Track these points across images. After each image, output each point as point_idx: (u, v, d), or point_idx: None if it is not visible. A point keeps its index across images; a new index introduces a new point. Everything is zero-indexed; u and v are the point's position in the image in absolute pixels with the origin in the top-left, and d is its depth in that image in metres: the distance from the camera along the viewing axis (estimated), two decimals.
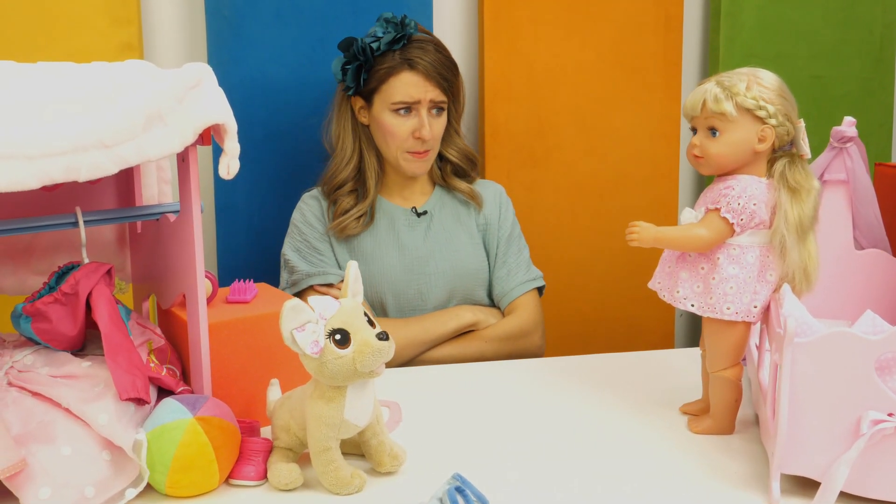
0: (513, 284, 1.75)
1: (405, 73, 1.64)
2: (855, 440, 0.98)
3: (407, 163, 1.70)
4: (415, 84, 1.65)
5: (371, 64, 1.66)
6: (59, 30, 1.76)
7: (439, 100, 1.68)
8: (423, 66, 1.64)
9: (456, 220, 1.77)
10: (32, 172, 0.93)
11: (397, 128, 1.66)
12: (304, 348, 0.98)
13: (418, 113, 1.66)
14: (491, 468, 1.12)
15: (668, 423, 1.25)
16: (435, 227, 1.75)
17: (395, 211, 1.75)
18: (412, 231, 1.74)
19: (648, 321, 2.16)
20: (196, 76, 1.04)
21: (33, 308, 1.07)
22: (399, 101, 1.65)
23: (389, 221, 1.74)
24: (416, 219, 1.75)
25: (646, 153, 2.12)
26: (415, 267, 1.71)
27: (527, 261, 1.80)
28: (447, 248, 1.73)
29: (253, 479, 1.07)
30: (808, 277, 1.14)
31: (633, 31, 2.07)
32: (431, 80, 1.65)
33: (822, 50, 2.17)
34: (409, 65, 1.64)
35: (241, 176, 1.91)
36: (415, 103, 1.66)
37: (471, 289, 1.74)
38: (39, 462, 0.96)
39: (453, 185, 1.77)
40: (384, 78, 1.65)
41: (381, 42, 1.64)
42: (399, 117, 1.66)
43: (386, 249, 1.72)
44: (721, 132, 1.14)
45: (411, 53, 1.65)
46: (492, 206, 1.79)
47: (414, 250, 1.72)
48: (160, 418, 1.03)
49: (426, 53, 1.66)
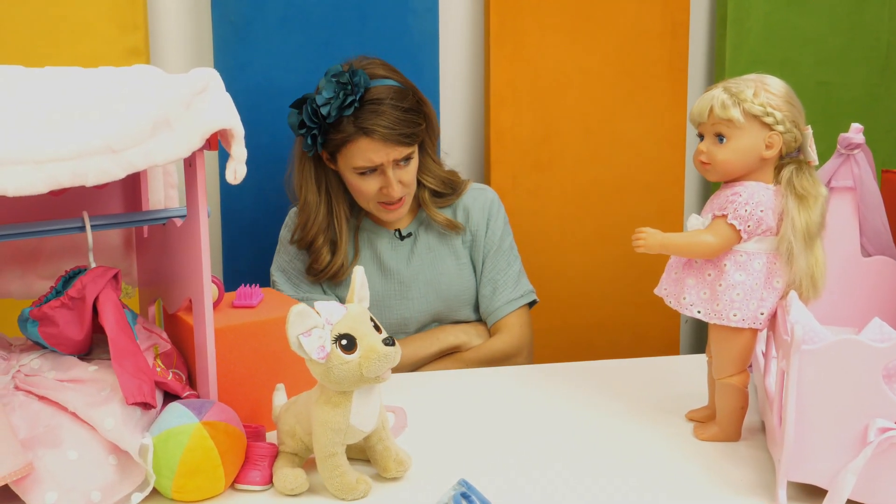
0: (498, 304, 1.70)
1: (362, 141, 1.54)
2: (862, 448, 0.98)
3: (381, 213, 1.64)
4: (374, 150, 1.55)
5: (325, 128, 1.56)
6: (67, 35, 1.76)
7: (403, 157, 1.58)
8: (380, 134, 1.53)
9: (441, 239, 1.71)
10: (41, 177, 0.94)
11: (364, 187, 1.59)
12: (310, 353, 0.98)
13: (384, 172, 1.58)
14: (496, 474, 1.12)
15: (674, 430, 1.25)
16: (419, 249, 1.70)
17: (378, 232, 1.70)
18: (396, 254, 1.69)
19: (653, 328, 2.16)
20: (203, 81, 1.04)
21: (40, 312, 1.08)
22: (360, 167, 1.57)
23: (372, 245, 1.69)
24: (400, 242, 1.70)
25: (651, 159, 2.12)
26: (398, 292, 1.68)
27: (515, 275, 1.73)
28: (431, 271, 1.69)
29: (258, 484, 1.07)
30: (816, 284, 1.14)
31: (639, 38, 2.07)
32: (391, 142, 1.55)
33: (828, 56, 2.16)
34: (364, 132, 1.53)
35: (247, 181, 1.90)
36: (378, 166, 1.57)
37: (455, 310, 1.71)
38: (46, 466, 0.96)
39: (431, 215, 1.69)
40: (340, 146, 1.56)
41: (331, 107, 1.53)
42: (364, 178, 1.59)
43: (368, 274, 1.66)
44: (728, 138, 1.14)
45: (365, 121, 1.53)
46: (479, 217, 1.72)
47: (397, 274, 1.68)
48: (166, 423, 1.03)
49: (381, 117, 1.53)
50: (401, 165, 1.59)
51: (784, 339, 1.03)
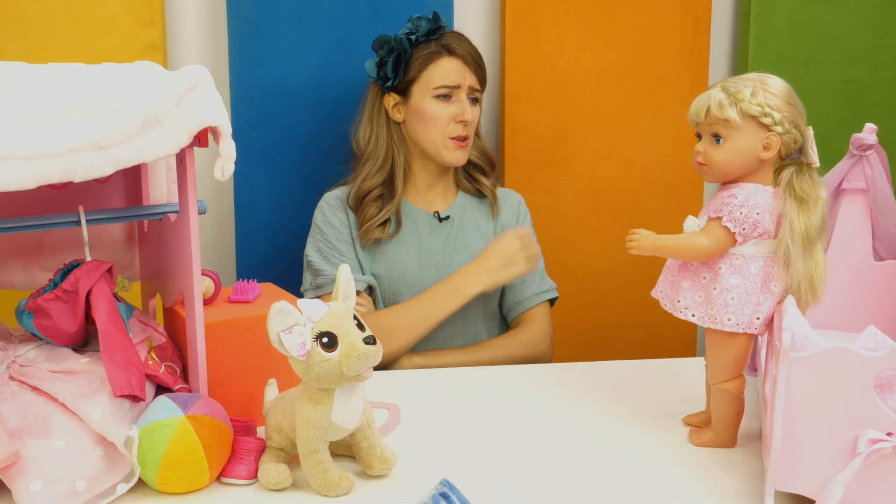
0: (527, 294, 1.75)
1: (445, 59, 1.69)
2: (851, 459, 0.96)
3: (448, 151, 1.71)
4: (455, 69, 1.69)
5: (409, 54, 1.69)
6: (84, 30, 1.79)
7: (476, 87, 1.72)
8: (462, 52, 1.69)
9: (476, 228, 1.77)
10: (29, 173, 0.96)
11: (439, 113, 1.69)
12: (290, 351, 0.99)
13: (458, 98, 1.70)
14: (482, 475, 1.11)
15: (670, 435, 1.23)
16: (455, 234, 1.75)
17: (419, 214, 1.75)
18: (434, 236, 1.74)
19: (670, 328, 2.13)
20: (193, 79, 1.05)
21: (35, 304, 1.10)
22: (441, 86, 1.68)
23: (413, 225, 1.74)
24: (439, 224, 1.75)
25: (669, 158, 2.08)
26: (433, 272, 1.71)
27: (541, 271, 1.79)
28: (465, 256, 1.72)
29: (244, 478, 1.08)
30: (815, 289, 1.11)
31: (659, 35, 2.04)
32: (470, 66, 1.70)
33: (855, 54, 2.10)
34: (447, 50, 1.69)
35: (260, 175, 1.95)
36: (455, 87, 1.69)
37: (486, 296, 1.72)
38: (33, 455, 0.98)
39: (479, 181, 1.78)
40: (424, 65, 1.69)
41: (419, 33, 1.69)
42: (440, 103, 1.69)
43: (407, 253, 1.72)
44: (725, 139, 1.12)
45: (448, 41, 1.70)
46: (509, 215, 1.80)
47: (434, 255, 1.73)
48: (152, 416, 1.04)
49: (462, 41, 1.71)
50: (470, 103, 1.71)
51: (776, 345, 1.01)
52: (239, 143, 1.09)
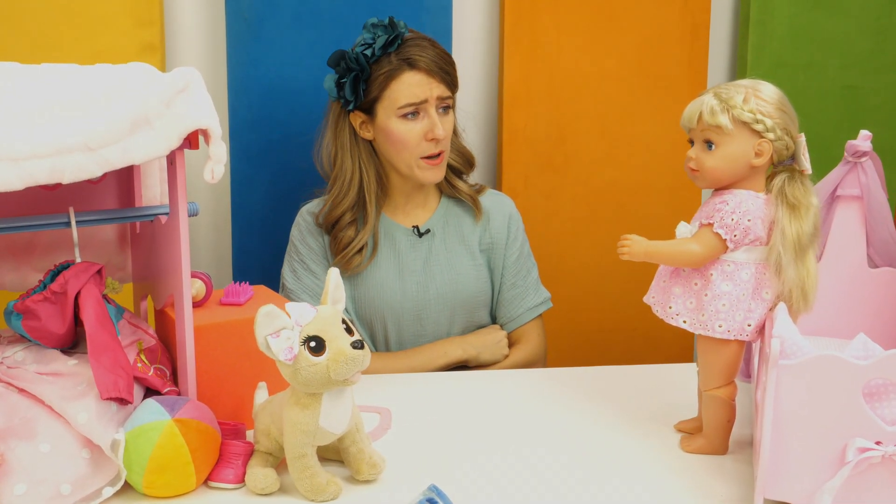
0: (521, 310, 1.69)
1: (407, 74, 1.55)
2: (840, 467, 0.95)
3: (422, 171, 1.59)
4: (418, 83, 1.55)
5: (368, 72, 1.57)
6: (83, 30, 1.79)
7: (445, 95, 1.59)
8: (424, 63, 1.55)
9: (459, 239, 1.69)
10: (17, 174, 0.96)
11: (407, 134, 1.56)
12: (277, 354, 0.99)
13: (427, 113, 1.57)
14: (471, 480, 1.11)
15: (662, 441, 1.23)
16: (437, 248, 1.67)
17: (397, 230, 1.66)
18: (414, 253, 1.66)
19: (667, 333, 2.09)
20: (184, 81, 1.05)
21: (23, 306, 1.10)
22: (406, 104, 1.55)
23: (391, 243, 1.66)
24: (419, 239, 1.67)
25: (668, 163, 2.08)
26: (414, 290, 1.64)
27: (535, 282, 1.72)
28: (448, 270, 1.66)
29: (231, 482, 1.08)
30: (807, 297, 1.11)
31: (657, 39, 2.03)
32: (435, 76, 1.56)
33: (856, 59, 2.09)
34: (408, 64, 1.55)
35: (258, 177, 1.95)
36: (422, 103, 1.56)
37: (472, 311, 1.68)
38: (17, 458, 0.98)
39: (455, 185, 1.68)
40: (385, 83, 1.56)
41: (375, 47, 1.56)
42: (408, 122, 1.57)
43: (386, 273, 1.64)
44: (717, 145, 1.12)
45: (409, 52, 1.56)
46: (499, 224, 1.70)
47: (415, 274, 1.65)
48: (139, 419, 1.04)
49: (423, 50, 1.57)
50: (441, 113, 1.59)
51: (766, 353, 1.01)
52: (236, 144, 1.09)
